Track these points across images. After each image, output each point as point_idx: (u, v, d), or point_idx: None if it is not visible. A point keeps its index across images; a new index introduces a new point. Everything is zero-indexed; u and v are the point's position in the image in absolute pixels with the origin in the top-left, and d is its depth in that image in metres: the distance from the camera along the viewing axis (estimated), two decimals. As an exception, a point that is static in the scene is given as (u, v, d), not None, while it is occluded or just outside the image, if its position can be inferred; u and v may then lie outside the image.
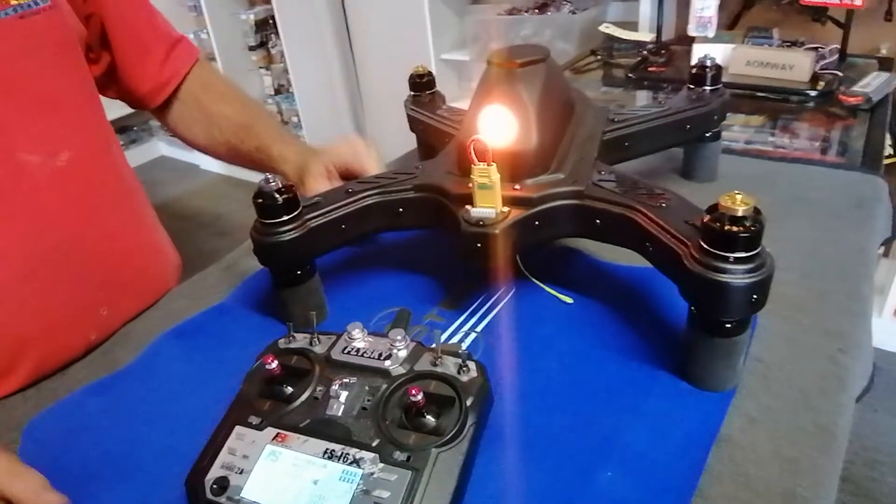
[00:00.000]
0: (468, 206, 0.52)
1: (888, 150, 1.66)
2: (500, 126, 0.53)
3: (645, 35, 1.37)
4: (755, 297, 0.42)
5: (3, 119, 0.59)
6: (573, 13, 2.17)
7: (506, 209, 0.51)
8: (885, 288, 1.71)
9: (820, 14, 1.56)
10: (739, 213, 0.40)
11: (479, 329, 0.57)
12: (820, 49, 1.10)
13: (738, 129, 1.04)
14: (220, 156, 0.86)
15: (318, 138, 3.07)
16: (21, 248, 0.60)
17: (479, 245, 0.51)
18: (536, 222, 0.53)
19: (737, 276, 0.41)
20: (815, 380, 0.48)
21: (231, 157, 0.84)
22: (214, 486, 0.39)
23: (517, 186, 0.53)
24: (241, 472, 0.39)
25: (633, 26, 1.62)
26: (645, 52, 1.31)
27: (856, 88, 0.96)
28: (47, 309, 0.62)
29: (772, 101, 1.07)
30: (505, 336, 0.56)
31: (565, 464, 0.42)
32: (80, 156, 0.66)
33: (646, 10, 1.66)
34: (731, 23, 1.81)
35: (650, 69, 1.26)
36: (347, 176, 0.71)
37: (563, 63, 1.47)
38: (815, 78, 1.06)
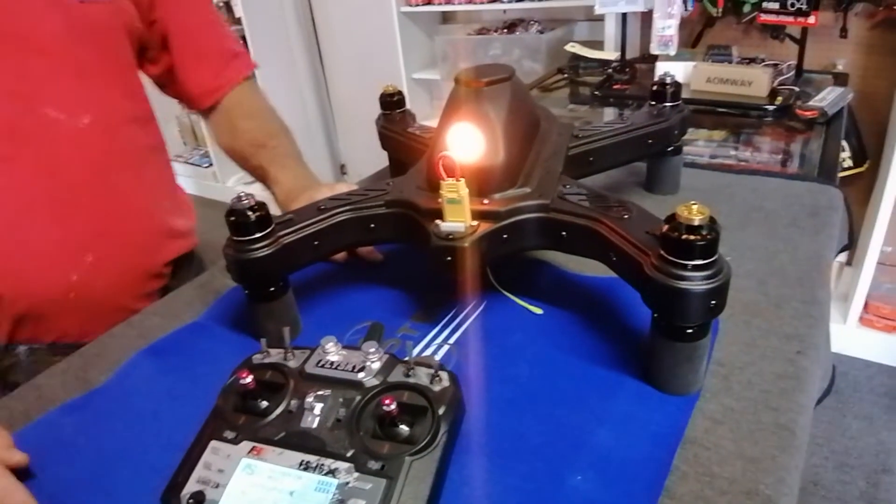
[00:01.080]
0: (438, 221, 0.53)
1: (848, 162, 1.73)
2: (468, 143, 0.55)
3: (610, 54, 1.41)
4: (713, 302, 0.44)
5: (35, 76, 0.68)
6: (541, 33, 2.22)
7: (475, 223, 0.53)
8: (849, 296, 1.77)
9: (778, 32, 1.62)
10: (696, 223, 0.42)
11: (451, 341, 0.58)
12: (778, 65, 1.14)
13: (701, 144, 1.08)
14: (238, 164, 0.92)
15: (290, 158, 3.06)
16: (28, 184, 0.68)
17: (449, 258, 0.52)
18: (504, 235, 0.54)
19: (695, 282, 0.43)
20: (774, 381, 0.50)
21: (243, 167, 0.92)
22: (191, 501, 0.39)
23: (485, 201, 0.55)
24: (216, 487, 0.39)
25: (599, 45, 1.66)
26: (610, 71, 1.35)
27: (812, 103, 1.00)
28: (37, 241, 0.69)
29: (732, 116, 1.11)
30: (477, 347, 0.57)
31: (536, 468, 0.44)
32: (100, 121, 0.73)
33: (611, 29, 1.71)
34: (694, 41, 1.87)
35: (615, 87, 1.30)
36: None
37: (531, 81, 1.50)
38: (773, 93, 1.10)
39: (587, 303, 0.60)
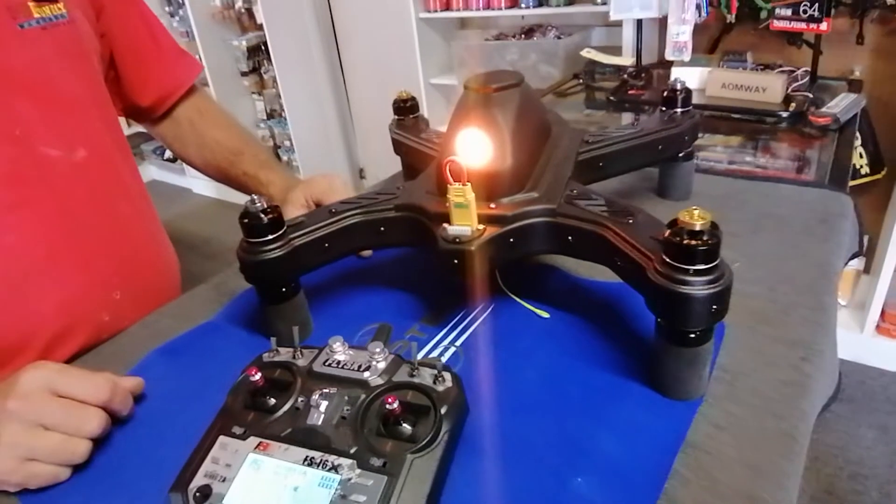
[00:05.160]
0: (445, 225, 0.54)
1: (865, 170, 1.71)
2: (476, 148, 0.56)
3: (625, 59, 1.41)
4: (715, 307, 0.44)
5: (26, 115, 0.66)
6: (558, 38, 2.23)
7: (481, 227, 0.54)
8: (866, 304, 1.75)
9: (795, 38, 1.61)
10: (697, 228, 0.43)
11: (458, 343, 0.59)
12: (792, 72, 1.14)
13: (717, 150, 1.08)
14: (211, 175, 0.92)
15: (309, 161, 3.11)
16: (44, 229, 0.67)
17: (455, 261, 0.53)
18: (511, 239, 0.55)
19: (697, 287, 0.43)
20: (778, 387, 0.50)
21: (221, 178, 0.92)
22: (197, 494, 0.40)
23: (492, 205, 0.55)
24: (223, 480, 0.40)
25: (616, 51, 1.66)
26: (625, 76, 1.35)
27: (825, 109, 0.99)
28: (65, 287, 0.69)
29: (747, 122, 1.10)
30: (483, 349, 0.58)
31: (538, 470, 0.44)
32: (94, 153, 0.73)
33: (628, 35, 1.72)
34: (711, 47, 1.86)
35: (630, 92, 1.30)
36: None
37: (547, 86, 1.51)
38: (787, 99, 1.10)
39: (594, 308, 0.61)
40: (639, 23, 1.32)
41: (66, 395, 0.49)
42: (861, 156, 1.71)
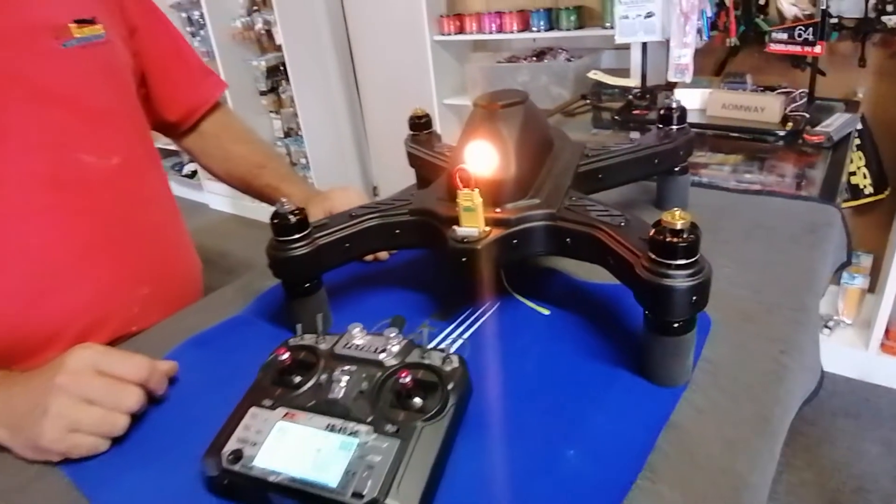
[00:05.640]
0: (455, 226, 0.60)
1: (869, 189, 1.75)
2: (483, 158, 0.61)
3: (631, 81, 1.47)
4: (695, 298, 0.49)
5: (67, 125, 0.73)
6: (569, 61, 2.30)
7: (487, 228, 0.59)
8: (871, 323, 1.77)
9: (799, 61, 1.66)
10: (678, 227, 0.48)
11: (465, 336, 0.64)
12: (790, 93, 1.19)
13: (720, 168, 1.12)
14: (234, 186, 0.99)
15: (324, 178, 3.18)
16: (80, 227, 0.74)
17: (464, 259, 0.58)
18: (514, 240, 0.60)
19: (678, 280, 0.48)
20: (757, 376, 0.54)
21: (244, 189, 0.98)
22: (230, 457, 0.45)
23: (498, 209, 0.61)
24: (254, 445, 0.46)
25: (625, 73, 1.72)
26: (630, 97, 1.41)
27: (819, 128, 1.04)
28: (97, 281, 0.75)
29: (745, 141, 1.15)
30: (488, 341, 0.63)
31: (535, 443, 0.49)
32: (126, 161, 0.80)
33: (636, 57, 1.77)
34: (718, 69, 1.92)
35: (635, 112, 1.35)
36: None
37: (555, 106, 1.57)
38: (785, 119, 1.15)
39: (591, 306, 0.66)
40: (644, 46, 1.38)
41: (109, 373, 0.55)
42: (865, 176, 1.75)
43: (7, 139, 0.67)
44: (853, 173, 1.70)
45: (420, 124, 0.90)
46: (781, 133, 1.11)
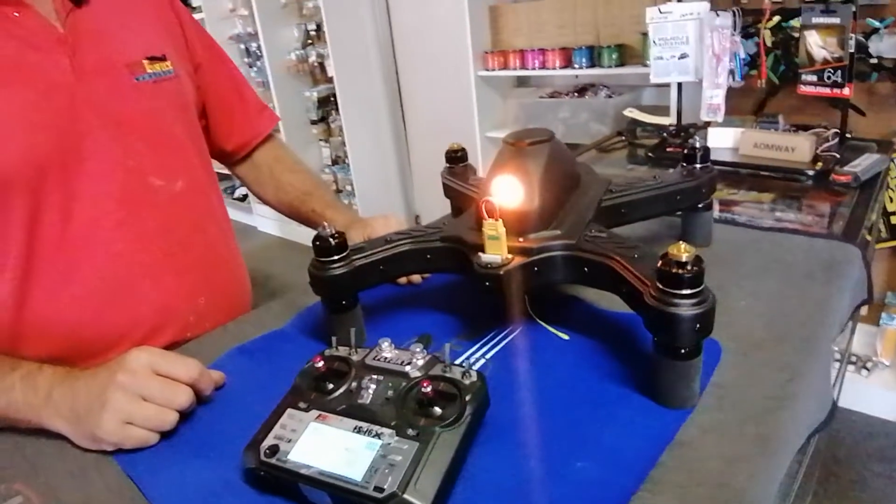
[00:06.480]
0: (480, 253, 0.65)
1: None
2: (509, 191, 0.67)
3: (665, 119, 1.51)
4: (699, 325, 0.52)
5: (138, 151, 0.81)
6: (609, 97, 2.34)
7: (510, 256, 0.64)
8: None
9: (836, 101, 1.67)
10: (683, 259, 0.52)
11: (488, 356, 0.68)
12: (822, 133, 1.21)
13: (750, 205, 1.14)
14: (282, 212, 1.07)
15: (369, 206, 3.28)
16: (147, 242, 0.82)
17: (487, 283, 0.63)
18: (535, 268, 0.65)
19: (682, 308, 0.52)
20: (762, 401, 0.57)
21: (291, 214, 1.06)
22: (267, 451, 0.51)
23: (521, 239, 0.66)
24: (289, 442, 0.51)
25: (664, 110, 1.76)
26: (664, 135, 1.44)
27: (847, 168, 1.06)
28: (161, 290, 0.83)
29: (775, 179, 1.18)
30: (509, 362, 0.67)
31: (546, 455, 0.53)
32: (190, 184, 0.88)
33: (674, 96, 1.81)
34: (758, 108, 1.94)
35: (668, 149, 1.39)
36: None
37: (592, 142, 1.61)
38: (816, 158, 1.16)
39: (608, 333, 0.70)
40: (679, 85, 1.42)
41: (163, 373, 0.61)
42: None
43: (86, 162, 0.76)
44: (893, 213, 1.68)
45: (456, 157, 0.96)
46: (810, 172, 1.13)
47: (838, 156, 1.15)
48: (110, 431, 0.58)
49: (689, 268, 0.52)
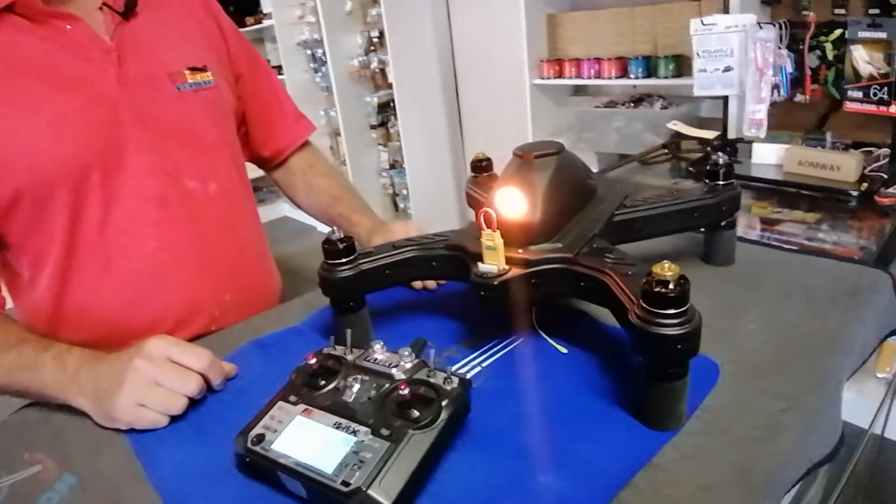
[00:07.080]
0: (479, 263, 0.66)
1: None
2: (511, 202, 0.68)
3: (710, 133, 1.47)
4: (681, 346, 0.52)
5: (176, 156, 0.87)
6: (664, 108, 2.30)
7: (507, 267, 0.65)
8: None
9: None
10: (667, 278, 0.52)
11: (485, 364, 0.70)
12: (871, 152, 1.16)
13: (791, 224, 1.11)
14: (313, 215, 1.12)
15: (423, 210, 3.33)
16: (180, 240, 0.87)
17: (482, 293, 0.65)
18: (532, 280, 0.66)
19: (664, 328, 0.52)
20: (750, 430, 0.56)
21: (321, 217, 1.11)
22: (254, 439, 0.54)
23: (520, 250, 0.67)
24: (274, 432, 0.54)
25: (718, 124, 1.72)
26: (708, 148, 1.41)
27: (891, 189, 1.01)
28: (190, 286, 0.89)
29: (820, 200, 1.13)
30: (504, 371, 0.68)
31: (518, 465, 0.54)
32: (224, 188, 0.93)
33: (732, 108, 1.77)
34: (819, 123, 1.86)
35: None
36: None
37: (637, 154, 1.59)
38: (862, 178, 1.11)
39: (607, 348, 0.70)
40: (725, 98, 1.39)
41: (177, 361, 0.66)
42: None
43: (126, 165, 0.82)
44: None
45: (481, 167, 0.98)
46: (854, 193, 1.08)
47: (886, 176, 1.09)
48: (124, 411, 0.63)
49: (671, 286, 0.52)
